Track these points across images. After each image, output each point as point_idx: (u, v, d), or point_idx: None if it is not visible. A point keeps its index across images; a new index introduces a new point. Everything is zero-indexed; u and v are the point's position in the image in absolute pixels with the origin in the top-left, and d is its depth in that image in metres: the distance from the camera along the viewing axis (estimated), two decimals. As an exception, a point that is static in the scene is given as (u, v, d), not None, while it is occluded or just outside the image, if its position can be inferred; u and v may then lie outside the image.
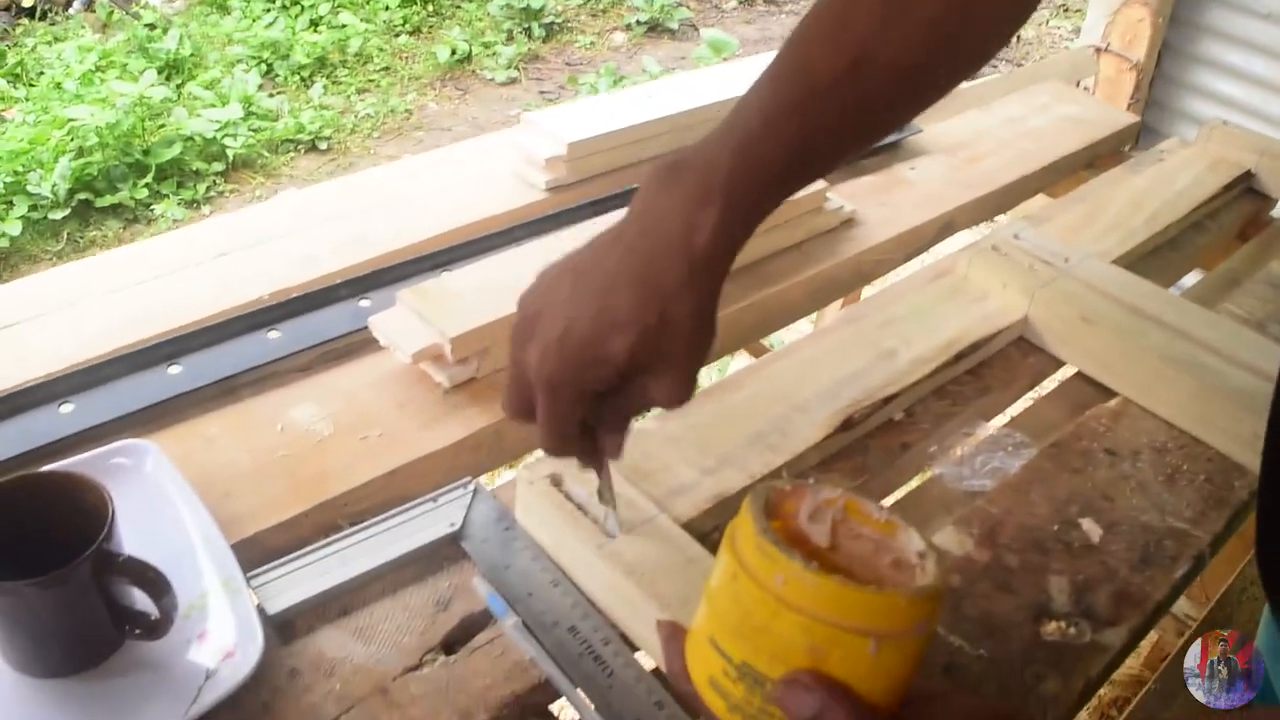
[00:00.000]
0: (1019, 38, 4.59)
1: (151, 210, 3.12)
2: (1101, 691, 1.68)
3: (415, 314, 0.83)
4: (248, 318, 0.87)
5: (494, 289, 0.85)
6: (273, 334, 0.86)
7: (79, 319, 0.88)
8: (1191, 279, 1.20)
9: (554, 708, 0.65)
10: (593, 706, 0.62)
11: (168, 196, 3.17)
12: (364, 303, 0.90)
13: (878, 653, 0.44)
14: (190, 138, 3.34)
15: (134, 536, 0.62)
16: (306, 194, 1.12)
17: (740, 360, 1.81)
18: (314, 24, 4.23)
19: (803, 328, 1.28)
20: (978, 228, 1.23)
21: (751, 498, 0.48)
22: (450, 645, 0.65)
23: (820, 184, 1.04)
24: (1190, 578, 0.75)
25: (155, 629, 0.60)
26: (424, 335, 0.82)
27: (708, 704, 0.49)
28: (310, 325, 0.87)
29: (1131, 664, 1.72)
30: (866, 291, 1.22)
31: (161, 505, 0.70)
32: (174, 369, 0.82)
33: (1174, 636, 1.51)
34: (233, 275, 0.95)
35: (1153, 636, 1.66)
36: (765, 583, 0.45)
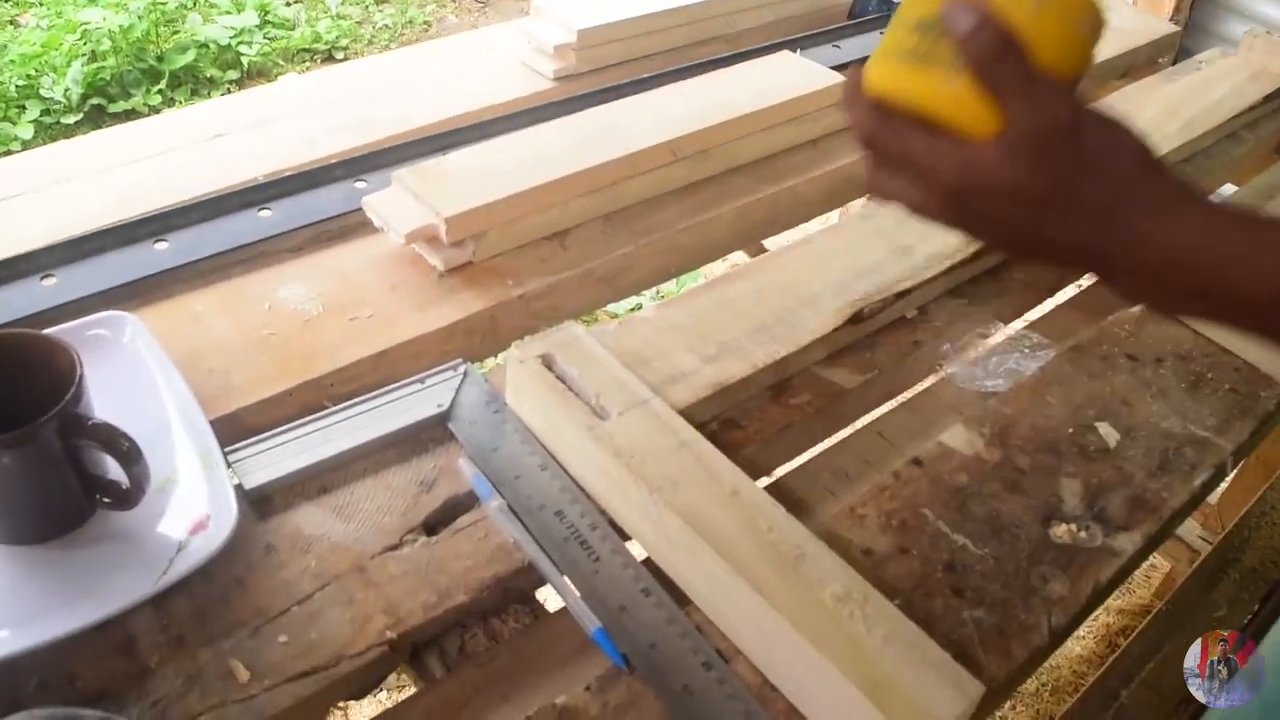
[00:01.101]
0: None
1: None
2: (1110, 620, 1.66)
3: (411, 194, 0.80)
4: (239, 195, 0.84)
5: (494, 172, 0.82)
6: (264, 213, 0.83)
7: (71, 195, 0.86)
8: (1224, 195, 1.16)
9: (539, 595, 0.63)
10: (578, 593, 0.59)
11: (181, 103, 3.12)
12: (360, 184, 0.87)
13: (1039, 10, 0.47)
14: (205, 44, 3.28)
15: (110, 407, 0.60)
16: (309, 79, 1.09)
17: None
18: (333, -69, 4.13)
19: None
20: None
21: None
22: (432, 526, 0.63)
23: (837, 78, 0.99)
24: (1210, 487, 0.72)
25: (126, 498, 0.58)
26: (419, 215, 0.79)
27: (879, 83, 0.50)
28: (303, 205, 0.84)
29: (1142, 594, 1.70)
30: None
31: (139, 377, 0.67)
32: (161, 245, 0.79)
33: (1186, 565, 1.48)
34: (229, 156, 0.92)
35: (1164, 566, 1.64)
36: None
